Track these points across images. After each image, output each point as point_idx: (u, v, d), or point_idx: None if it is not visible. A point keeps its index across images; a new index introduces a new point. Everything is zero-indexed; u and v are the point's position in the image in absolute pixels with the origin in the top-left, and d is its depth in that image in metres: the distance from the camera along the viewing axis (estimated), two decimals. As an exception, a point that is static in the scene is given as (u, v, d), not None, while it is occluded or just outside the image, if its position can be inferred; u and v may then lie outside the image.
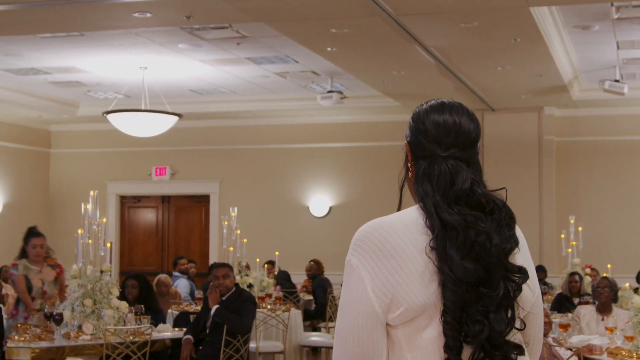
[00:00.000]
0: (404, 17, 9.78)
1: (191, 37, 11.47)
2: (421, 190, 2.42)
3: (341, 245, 16.83)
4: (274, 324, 10.83)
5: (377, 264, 2.32)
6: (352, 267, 2.35)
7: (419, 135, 2.49)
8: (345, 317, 2.34)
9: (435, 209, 2.37)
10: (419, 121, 2.50)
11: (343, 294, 2.37)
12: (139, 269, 16.77)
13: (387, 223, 2.38)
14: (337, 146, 17.18)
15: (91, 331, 8.34)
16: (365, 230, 2.38)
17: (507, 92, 14.16)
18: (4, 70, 13.86)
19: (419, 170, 2.46)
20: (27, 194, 17.96)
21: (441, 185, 2.40)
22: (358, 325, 2.32)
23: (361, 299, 2.32)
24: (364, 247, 2.35)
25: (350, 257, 2.36)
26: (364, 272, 2.32)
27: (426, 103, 2.54)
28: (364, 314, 2.31)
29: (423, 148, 2.47)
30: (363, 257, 2.34)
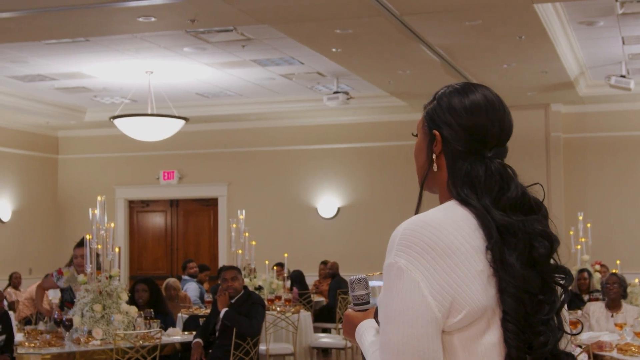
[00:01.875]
0: (408, 17, 9.78)
1: (196, 40, 11.48)
2: (464, 191, 2.24)
3: (350, 246, 16.88)
4: (284, 326, 10.83)
5: (431, 264, 2.10)
6: (401, 270, 2.10)
7: (460, 130, 2.29)
8: (398, 327, 2.08)
9: (487, 210, 2.20)
10: (461, 113, 2.30)
11: (389, 301, 2.11)
12: (149, 273, 16.82)
13: (435, 220, 2.16)
14: (344, 147, 17.17)
15: (101, 336, 8.34)
16: (411, 229, 2.14)
17: (513, 90, 14.13)
18: (10, 77, 13.89)
19: (455, 168, 2.28)
20: (36, 200, 18.00)
21: (492, 189, 2.24)
22: (417, 334, 2.07)
23: (418, 304, 2.08)
24: (413, 246, 2.12)
25: (395, 259, 2.12)
26: (417, 274, 2.09)
27: (460, 90, 2.34)
28: (424, 321, 2.08)
29: (463, 144, 2.29)
30: (414, 257, 2.10)
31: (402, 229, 2.16)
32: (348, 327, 2.43)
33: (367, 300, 2.39)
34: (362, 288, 2.40)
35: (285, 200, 17.45)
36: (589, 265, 12.57)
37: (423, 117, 2.39)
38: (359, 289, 2.40)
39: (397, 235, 2.16)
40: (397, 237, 2.15)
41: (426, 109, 2.38)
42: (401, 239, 2.13)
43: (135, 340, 8.23)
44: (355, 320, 2.40)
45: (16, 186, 17.49)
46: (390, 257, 2.13)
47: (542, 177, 15.62)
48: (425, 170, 2.34)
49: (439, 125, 2.31)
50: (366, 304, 2.40)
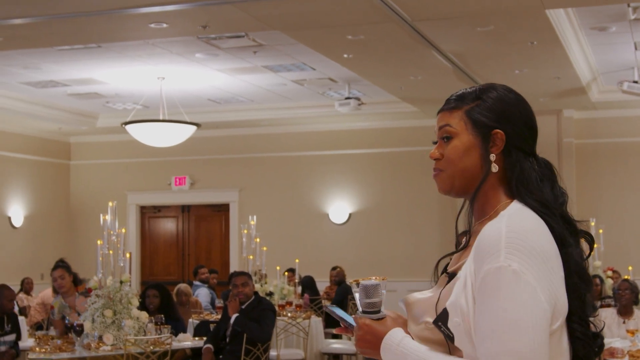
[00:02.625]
0: (420, 23, 9.78)
1: (208, 46, 11.49)
2: (536, 191, 2.21)
3: (362, 252, 16.86)
4: (295, 332, 10.82)
5: (540, 269, 2.06)
6: (517, 274, 2.03)
7: (523, 128, 2.27)
8: (525, 334, 2.00)
9: (563, 214, 2.22)
10: (525, 110, 2.30)
11: (504, 306, 2.02)
12: (160, 278, 16.84)
13: (530, 223, 2.13)
14: (356, 153, 17.17)
15: (112, 342, 8.35)
16: (515, 232, 2.08)
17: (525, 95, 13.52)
18: (23, 83, 13.94)
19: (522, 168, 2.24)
20: (48, 206, 18.05)
21: (551, 185, 2.27)
22: (542, 341, 2.01)
23: (538, 309, 2.03)
24: (522, 250, 2.05)
25: (507, 262, 2.04)
26: (531, 278, 2.03)
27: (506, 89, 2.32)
28: (544, 327, 2.03)
29: (525, 142, 2.27)
30: (525, 261, 2.04)
31: (504, 232, 2.08)
32: (370, 337, 2.24)
33: (380, 308, 2.26)
34: (377, 295, 2.26)
35: (296, 206, 17.45)
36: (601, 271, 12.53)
37: (464, 118, 2.30)
38: (375, 296, 2.26)
39: (499, 238, 2.08)
40: (502, 241, 2.07)
41: (468, 109, 2.30)
42: (507, 242, 2.06)
43: (145, 346, 8.23)
44: (377, 332, 2.23)
45: (28, 192, 17.53)
46: (498, 261, 2.05)
47: (554, 183, 15.56)
48: (475, 173, 2.26)
49: (502, 124, 2.26)
50: (379, 311, 2.25)
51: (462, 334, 2.10)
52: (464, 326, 2.10)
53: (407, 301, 2.31)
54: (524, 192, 2.22)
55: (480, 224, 2.25)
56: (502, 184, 2.27)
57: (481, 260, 2.09)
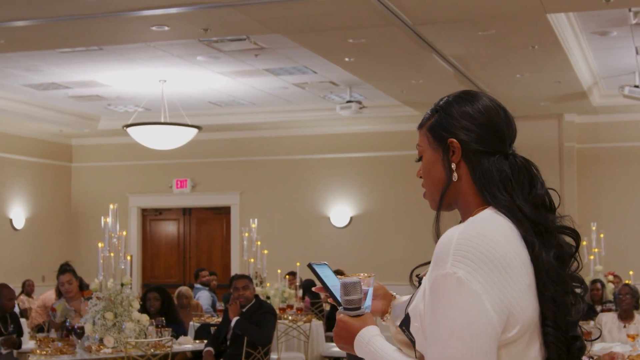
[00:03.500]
0: (421, 26, 9.79)
1: (209, 49, 11.51)
2: (498, 193, 2.20)
3: (363, 255, 16.85)
4: (296, 335, 10.83)
5: (490, 276, 2.03)
6: (461, 281, 2.02)
7: (478, 130, 2.26)
8: (462, 341, 1.99)
9: (524, 213, 2.18)
10: (482, 113, 2.28)
11: (447, 313, 2.02)
12: (161, 281, 16.84)
13: (486, 230, 2.10)
14: (357, 156, 17.17)
15: (112, 344, 8.36)
16: (466, 239, 2.07)
17: (527, 100, 14.11)
18: (24, 86, 13.95)
19: (482, 169, 2.24)
20: (50, 208, 18.06)
21: (522, 185, 2.24)
22: (481, 349, 2.00)
23: (481, 317, 2.01)
24: (470, 257, 2.04)
25: (453, 270, 2.03)
26: (477, 286, 2.02)
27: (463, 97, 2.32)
28: (486, 336, 2.01)
29: (484, 144, 2.26)
30: (473, 268, 2.03)
31: (455, 239, 2.08)
32: (344, 333, 2.27)
33: (359, 305, 2.28)
34: (356, 292, 2.27)
35: (297, 209, 17.46)
36: (602, 275, 12.54)
37: (427, 134, 2.36)
38: (353, 293, 2.27)
39: (449, 245, 2.08)
40: (451, 247, 2.07)
41: (429, 125, 2.36)
42: (456, 249, 2.06)
43: (146, 349, 8.24)
44: (352, 328, 2.25)
45: (30, 194, 17.55)
46: (444, 267, 2.05)
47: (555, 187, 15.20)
48: (444, 185, 2.29)
49: (454, 132, 2.28)
50: (358, 309, 2.27)
51: (422, 338, 2.13)
52: (423, 331, 2.12)
53: (393, 303, 2.42)
54: (488, 196, 2.23)
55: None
56: (476, 189, 2.27)
57: (433, 267, 2.10)
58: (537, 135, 15.62)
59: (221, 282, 15.72)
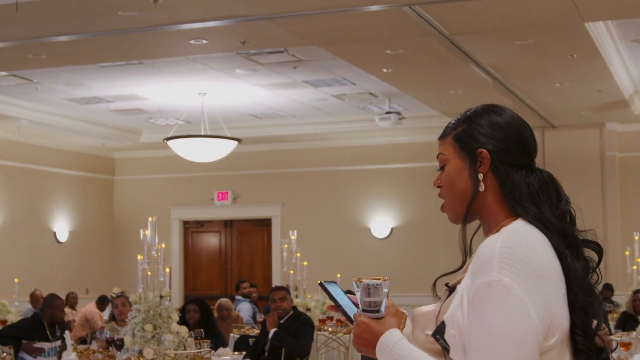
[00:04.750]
0: (458, 36, 9.78)
1: (248, 62, 11.58)
2: (530, 206, 2.22)
3: (404, 266, 16.81)
4: (335, 347, 10.82)
5: (533, 285, 2.06)
6: (507, 288, 2.03)
7: (508, 142, 2.27)
8: (510, 349, 2.01)
9: (554, 225, 2.20)
10: (510, 126, 2.29)
11: (493, 320, 2.03)
12: (203, 293, 16.91)
13: (528, 240, 2.13)
14: (397, 167, 17.15)
15: (152, 356, 8.40)
16: (510, 247, 2.09)
17: (567, 109, 14.03)
18: (67, 100, 14.12)
19: (512, 182, 2.25)
20: (92, 221, 18.23)
21: (550, 199, 2.25)
22: (527, 357, 2.02)
23: (527, 325, 2.03)
24: (515, 265, 2.06)
25: (499, 276, 2.05)
26: (522, 294, 2.04)
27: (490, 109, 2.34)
28: (532, 343, 2.03)
29: (513, 157, 2.27)
30: (518, 276, 2.05)
31: (498, 247, 2.09)
32: (366, 335, 2.25)
33: (380, 307, 2.26)
34: (378, 294, 2.27)
35: (338, 220, 17.46)
36: (645, 286, 12.39)
37: (452, 143, 2.35)
38: (375, 295, 2.27)
39: (492, 253, 2.09)
40: (495, 255, 2.08)
41: (455, 134, 2.35)
42: (501, 257, 2.07)
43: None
44: (375, 331, 2.24)
45: (73, 207, 17.73)
46: (489, 275, 2.06)
47: (597, 196, 15.45)
48: (470, 195, 2.29)
49: (483, 143, 2.28)
50: (379, 311, 2.26)
51: (457, 346, 2.12)
52: (459, 338, 2.11)
53: (413, 314, 2.34)
54: (518, 208, 2.24)
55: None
56: (503, 201, 2.28)
57: (475, 274, 2.10)
58: (578, 144, 15.52)
59: (262, 294, 15.74)
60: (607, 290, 13.79)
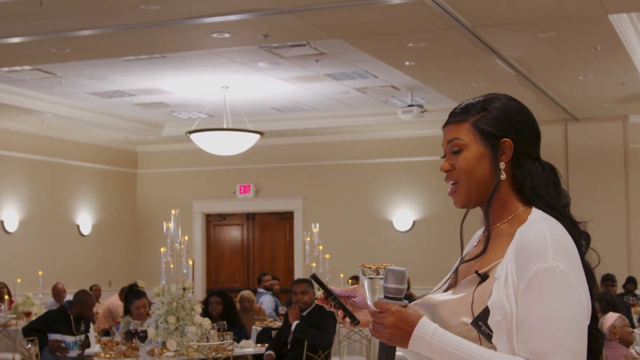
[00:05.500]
0: (481, 29, 9.75)
1: (270, 55, 11.59)
2: (547, 197, 2.28)
3: (426, 259, 16.78)
4: (358, 339, 10.83)
5: (578, 271, 2.16)
6: (564, 275, 2.12)
7: (529, 134, 2.34)
8: (576, 332, 2.10)
9: (566, 215, 2.28)
10: (529, 118, 2.36)
11: (557, 304, 2.10)
12: (225, 285, 16.95)
13: (563, 230, 2.21)
14: (420, 160, 17.11)
15: (175, 348, 8.46)
16: (559, 236, 2.17)
17: (590, 101, 13.96)
18: (90, 94, 14.18)
19: (531, 173, 2.31)
20: (116, 214, 18.32)
21: (557, 189, 2.33)
22: (585, 339, 2.13)
23: (582, 309, 2.13)
24: (566, 253, 2.15)
25: (556, 263, 2.12)
26: (574, 280, 2.13)
27: (509, 98, 2.38)
28: (585, 326, 2.14)
29: (531, 148, 2.34)
30: (569, 264, 2.14)
31: (549, 235, 2.16)
32: (403, 325, 2.17)
33: (402, 296, 2.21)
34: (405, 281, 2.22)
35: (360, 213, 17.47)
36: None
37: (472, 129, 2.36)
38: (403, 282, 2.21)
39: (544, 241, 2.14)
40: (548, 243, 2.14)
41: (475, 120, 2.36)
42: (554, 244, 2.14)
43: (208, 352, 8.32)
44: (411, 319, 2.17)
45: (96, 200, 17.82)
46: (546, 261, 2.12)
47: (621, 189, 15.38)
48: (488, 182, 2.33)
49: (507, 133, 2.32)
50: (402, 299, 2.20)
51: (502, 331, 2.15)
52: (505, 324, 2.14)
53: (428, 303, 2.32)
54: (536, 198, 2.30)
55: (496, 228, 2.34)
56: (514, 189, 2.34)
57: (527, 261, 2.15)
58: (601, 137, 15.45)
59: (284, 287, 15.79)
60: (630, 284, 13.75)
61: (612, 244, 14.78)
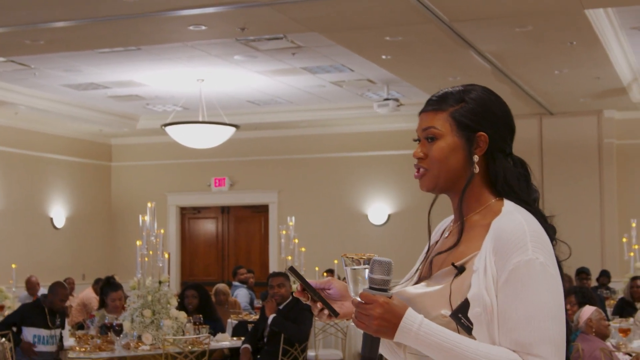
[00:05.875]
0: (458, 23, 9.76)
1: (246, 48, 11.55)
2: (519, 190, 2.30)
3: (401, 253, 16.74)
4: (333, 332, 10.84)
5: (554, 263, 2.17)
6: (544, 266, 2.13)
7: (503, 129, 2.34)
8: (557, 323, 2.12)
9: (536, 208, 2.30)
10: (506, 113, 2.36)
11: (540, 296, 2.11)
12: (200, 279, 16.90)
13: (535, 221, 2.22)
14: (395, 154, 17.12)
15: (150, 341, 8.42)
16: (534, 228, 2.18)
17: (565, 96, 14.02)
18: (64, 86, 14.08)
19: (503, 167, 2.31)
20: (90, 207, 18.22)
21: (528, 184, 2.34)
22: (563, 328, 2.15)
23: (562, 300, 2.16)
24: (543, 244, 2.17)
25: (536, 255, 2.13)
26: (553, 272, 2.15)
27: (488, 91, 2.36)
28: (564, 318, 2.16)
29: (505, 143, 2.34)
30: (546, 255, 2.15)
31: (527, 227, 2.17)
32: (390, 317, 2.15)
33: (388, 287, 2.19)
34: (391, 272, 2.20)
35: (335, 207, 17.46)
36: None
37: (450, 120, 2.35)
38: (389, 273, 2.19)
39: (523, 233, 2.15)
40: (527, 235, 2.15)
41: (453, 111, 2.35)
42: (532, 236, 2.15)
43: (184, 346, 8.29)
44: (398, 310, 2.16)
45: (70, 193, 17.71)
46: (527, 254, 2.13)
47: (595, 183, 15.46)
48: (459, 173, 2.33)
49: (483, 127, 2.32)
50: (388, 290, 2.18)
51: (483, 323, 2.14)
52: (485, 316, 2.14)
53: (404, 296, 2.28)
54: (509, 191, 2.31)
55: (468, 219, 2.33)
56: (486, 182, 2.34)
57: (506, 253, 2.15)
58: (576, 131, 15.53)
59: (259, 280, 15.77)
60: (604, 277, 13.83)
61: (586, 238, 14.88)
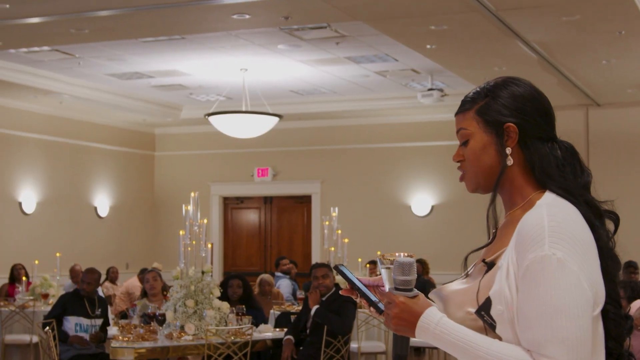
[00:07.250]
0: (504, 12, 9.62)
1: (290, 37, 11.49)
2: (560, 179, 2.23)
3: (444, 245, 16.70)
4: (376, 324, 10.77)
5: (581, 257, 2.08)
6: (562, 262, 2.06)
7: (535, 114, 2.27)
8: (572, 321, 2.04)
9: (582, 197, 2.22)
10: (534, 97, 2.29)
11: (551, 294, 2.05)
12: (242, 269, 16.94)
13: (570, 214, 2.16)
14: (439, 144, 16.99)
15: (193, 331, 8.41)
16: (558, 221, 2.11)
17: (613, 87, 13.81)
18: (108, 75, 14.13)
19: (540, 155, 2.25)
20: (133, 197, 18.30)
21: (575, 171, 2.27)
22: (587, 327, 2.05)
23: (582, 297, 2.06)
24: (565, 238, 2.08)
25: (552, 251, 2.06)
26: (575, 267, 2.06)
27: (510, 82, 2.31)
28: (589, 314, 2.07)
29: (539, 129, 2.27)
30: (568, 250, 2.07)
31: (547, 222, 2.10)
32: (406, 315, 2.17)
33: (413, 286, 2.21)
34: (413, 272, 2.22)
35: (378, 197, 17.38)
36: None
37: (476, 117, 2.33)
38: (410, 273, 2.21)
39: (541, 228, 2.10)
40: (545, 229, 2.09)
41: (478, 108, 2.32)
42: (551, 231, 2.09)
43: (226, 336, 8.27)
44: (415, 310, 2.18)
45: (114, 182, 17.80)
46: (542, 249, 2.08)
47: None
48: (496, 170, 2.29)
49: (509, 116, 2.28)
50: (412, 290, 2.21)
51: (505, 321, 2.13)
52: (507, 314, 2.12)
53: (442, 292, 2.33)
54: (548, 181, 2.25)
55: (511, 214, 2.30)
56: (526, 173, 2.29)
57: (524, 249, 2.11)
58: (623, 123, 15.31)
59: (302, 271, 15.73)
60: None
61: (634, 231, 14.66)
